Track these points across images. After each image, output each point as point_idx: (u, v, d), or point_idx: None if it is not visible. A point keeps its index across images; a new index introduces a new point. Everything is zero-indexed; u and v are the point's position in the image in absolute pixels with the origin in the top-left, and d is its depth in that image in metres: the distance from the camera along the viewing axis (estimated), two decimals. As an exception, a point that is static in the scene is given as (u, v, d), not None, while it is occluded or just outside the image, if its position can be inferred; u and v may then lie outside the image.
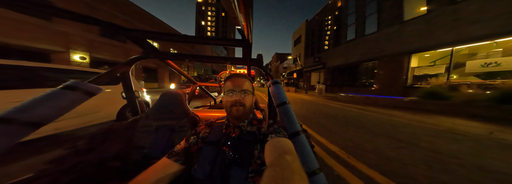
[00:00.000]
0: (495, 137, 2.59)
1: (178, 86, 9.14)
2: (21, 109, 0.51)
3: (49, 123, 0.55)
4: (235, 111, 0.65)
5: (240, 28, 0.60)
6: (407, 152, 2.03)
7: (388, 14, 8.88)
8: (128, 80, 1.11)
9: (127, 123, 0.93)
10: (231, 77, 0.71)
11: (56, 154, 0.65)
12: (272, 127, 0.64)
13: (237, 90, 0.67)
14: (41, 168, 0.60)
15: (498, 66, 5.28)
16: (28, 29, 7.63)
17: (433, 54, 7.32)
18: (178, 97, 1.03)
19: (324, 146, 2.24)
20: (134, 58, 1.01)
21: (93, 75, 2.71)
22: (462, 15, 5.92)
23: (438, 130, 2.98)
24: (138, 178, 0.53)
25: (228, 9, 0.45)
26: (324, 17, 16.12)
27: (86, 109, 2.49)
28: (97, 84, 0.73)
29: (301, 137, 0.65)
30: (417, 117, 4.05)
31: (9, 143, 0.46)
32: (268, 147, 0.53)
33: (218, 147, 0.63)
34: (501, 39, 5.15)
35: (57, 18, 1.76)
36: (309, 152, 0.60)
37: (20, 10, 0.58)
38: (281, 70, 34.62)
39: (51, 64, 2.38)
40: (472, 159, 1.84)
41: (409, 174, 1.53)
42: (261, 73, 34.95)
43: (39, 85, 2.08)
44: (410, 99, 5.61)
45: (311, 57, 18.39)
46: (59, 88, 0.61)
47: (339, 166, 1.70)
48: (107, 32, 10.98)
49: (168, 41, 0.84)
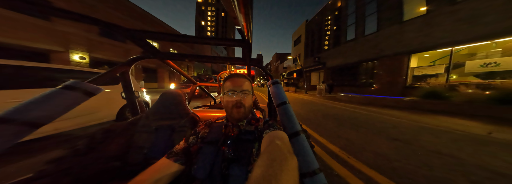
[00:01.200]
0: (495, 137, 2.60)
1: (178, 86, 9.14)
2: (20, 109, 0.51)
3: (48, 123, 0.54)
4: (235, 111, 0.66)
5: (240, 28, 0.60)
6: (406, 152, 2.03)
7: (388, 14, 8.89)
8: (127, 80, 1.11)
9: (127, 123, 0.93)
10: (230, 77, 0.71)
11: (56, 154, 0.65)
12: (267, 124, 0.66)
13: (237, 90, 0.67)
14: (41, 168, 0.60)
15: (497, 66, 5.29)
16: (27, 29, 7.61)
17: (432, 54, 7.33)
18: (178, 97, 1.02)
19: (323, 145, 2.25)
20: (133, 58, 1.00)
21: (92, 75, 2.70)
22: (461, 15, 5.93)
23: (439, 130, 2.98)
24: (138, 178, 0.53)
25: (228, 9, 0.45)
26: (324, 17, 16.13)
27: (85, 109, 2.49)
28: (96, 84, 0.73)
29: (301, 137, 0.65)
30: (417, 117, 4.06)
31: (8, 143, 0.46)
32: (264, 141, 0.56)
33: (218, 147, 0.63)
34: (500, 39, 5.16)
35: (56, 18, 1.77)
36: (309, 152, 0.60)
37: (20, 10, 0.58)
38: (281, 70, 34.64)
39: (50, 64, 2.38)
40: (471, 159, 1.86)
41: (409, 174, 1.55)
42: (261, 73, 34.93)
43: (39, 85, 2.07)
44: (410, 99, 5.61)
45: (311, 57, 18.40)
46: (58, 88, 0.61)
47: (335, 162, 1.71)
48: (106, 32, 10.98)
49: (168, 41, 0.84)
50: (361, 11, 10.95)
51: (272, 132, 0.57)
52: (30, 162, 1.64)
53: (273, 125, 0.63)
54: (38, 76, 2.13)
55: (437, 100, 4.98)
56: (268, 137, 0.55)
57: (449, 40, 6.26)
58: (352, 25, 11.86)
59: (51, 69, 2.31)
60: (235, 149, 0.61)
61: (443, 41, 6.45)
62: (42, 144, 2.02)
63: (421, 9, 7.32)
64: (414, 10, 7.61)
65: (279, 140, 0.48)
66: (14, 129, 0.47)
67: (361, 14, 10.88)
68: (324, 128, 3.13)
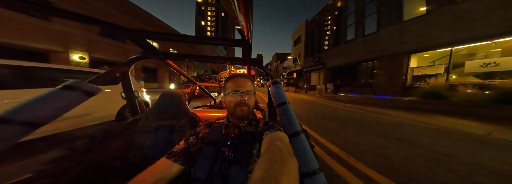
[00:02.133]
0: (494, 137, 2.61)
1: (177, 86, 9.13)
2: (20, 109, 0.51)
3: (48, 123, 0.54)
4: (239, 111, 0.66)
5: (240, 28, 0.60)
6: (407, 151, 2.04)
7: (388, 14, 8.89)
8: (127, 80, 1.11)
9: (127, 123, 0.93)
10: (233, 77, 0.71)
11: (56, 154, 0.65)
12: (267, 125, 0.66)
13: (241, 91, 0.67)
14: (41, 168, 0.60)
15: (497, 66, 5.29)
16: (26, 29, 7.60)
17: (432, 54, 7.33)
18: (178, 97, 1.02)
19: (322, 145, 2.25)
20: (133, 58, 1.00)
21: (91, 75, 2.70)
22: (461, 15, 5.93)
23: (439, 130, 2.98)
24: (137, 178, 0.53)
25: (228, 9, 0.45)
26: (324, 17, 16.12)
27: (85, 109, 2.49)
28: (96, 84, 0.73)
29: (301, 137, 0.65)
30: (417, 117, 4.05)
31: (7, 143, 0.46)
32: (264, 143, 0.55)
33: (218, 147, 0.63)
34: (500, 39, 5.17)
35: (56, 17, 1.73)
36: (308, 152, 0.60)
37: (20, 10, 0.58)
38: (281, 70, 34.62)
39: (49, 64, 2.38)
40: (468, 158, 1.87)
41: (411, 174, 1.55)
42: (261, 73, 34.93)
43: (38, 85, 2.07)
44: (410, 99, 5.61)
45: (310, 57, 18.40)
46: (58, 88, 0.61)
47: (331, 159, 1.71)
48: (106, 32, 10.96)
49: (168, 41, 0.83)
50: (361, 11, 10.94)
51: (272, 134, 0.57)
52: (29, 162, 1.64)
53: (273, 126, 0.63)
54: (37, 76, 2.12)
55: (437, 100, 4.98)
56: (268, 138, 0.55)
57: (449, 40, 6.26)
58: (352, 25, 11.85)
59: (51, 69, 2.30)
60: (235, 150, 0.61)
61: (442, 41, 6.45)
62: (42, 144, 2.01)
63: (421, 9, 7.32)
64: (414, 10, 7.61)
65: (280, 142, 0.48)
66: (14, 129, 0.47)
67: (361, 14, 10.88)
68: (324, 128, 3.14)
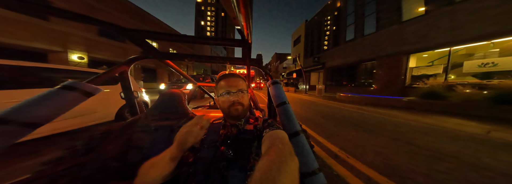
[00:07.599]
0: (493, 136, 2.62)
1: (168, 86, 8.66)
2: (18, 109, 0.50)
3: (46, 123, 0.54)
4: (234, 111, 0.65)
5: (239, 28, 0.60)
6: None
7: (387, 15, 8.91)
8: (127, 80, 1.10)
9: (126, 124, 0.92)
10: (223, 77, 0.70)
11: (55, 155, 0.65)
12: (266, 123, 0.65)
13: (233, 91, 0.66)
14: (39, 168, 0.59)
15: (495, 66, 5.32)
16: (25, 29, 7.57)
17: (431, 54, 7.36)
18: (178, 97, 1.02)
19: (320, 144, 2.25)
20: (133, 58, 1.00)
21: (90, 75, 2.69)
22: (460, 16, 5.96)
23: (440, 130, 2.99)
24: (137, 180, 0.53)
25: (227, 9, 0.45)
26: (323, 17, 16.14)
27: (84, 109, 2.48)
28: (95, 84, 0.73)
29: (301, 137, 0.65)
30: (416, 117, 4.07)
31: (6, 144, 0.45)
32: (264, 141, 0.55)
33: (216, 147, 0.63)
34: (498, 39, 5.19)
35: (54, 17, 1.73)
36: (308, 152, 0.60)
37: (19, 9, 0.58)
38: (280, 70, 34.64)
39: (49, 64, 2.37)
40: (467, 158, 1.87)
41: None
42: (260, 73, 34.91)
43: (36, 85, 2.06)
44: (409, 99, 5.63)
45: (310, 57, 18.41)
46: (57, 88, 0.61)
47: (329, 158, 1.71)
48: (105, 31, 10.93)
49: (168, 41, 0.83)
50: (360, 11, 10.97)
51: (272, 132, 0.57)
52: (28, 163, 1.63)
53: (273, 124, 0.62)
54: (36, 76, 2.11)
55: (436, 100, 4.99)
56: (268, 137, 0.55)
57: (447, 40, 6.29)
58: (351, 25, 11.87)
59: (50, 69, 2.29)
60: (234, 149, 0.61)
61: (441, 41, 6.48)
62: (41, 145, 2.00)
63: (419, 9, 7.34)
64: (413, 11, 7.64)
65: (280, 141, 0.47)
66: (12, 130, 0.47)
67: (360, 14, 10.91)
68: (322, 127, 3.14)
